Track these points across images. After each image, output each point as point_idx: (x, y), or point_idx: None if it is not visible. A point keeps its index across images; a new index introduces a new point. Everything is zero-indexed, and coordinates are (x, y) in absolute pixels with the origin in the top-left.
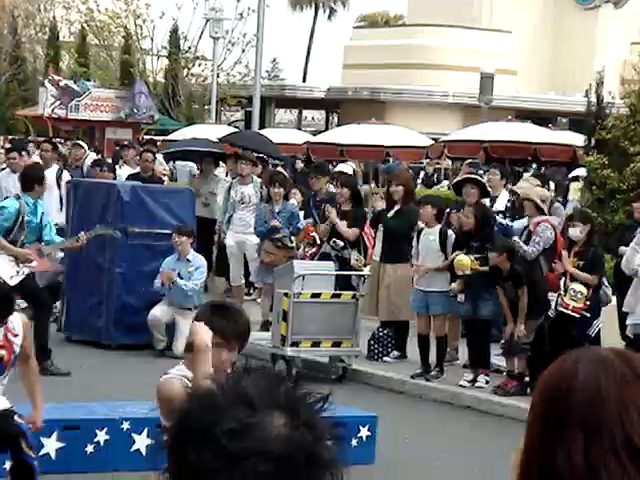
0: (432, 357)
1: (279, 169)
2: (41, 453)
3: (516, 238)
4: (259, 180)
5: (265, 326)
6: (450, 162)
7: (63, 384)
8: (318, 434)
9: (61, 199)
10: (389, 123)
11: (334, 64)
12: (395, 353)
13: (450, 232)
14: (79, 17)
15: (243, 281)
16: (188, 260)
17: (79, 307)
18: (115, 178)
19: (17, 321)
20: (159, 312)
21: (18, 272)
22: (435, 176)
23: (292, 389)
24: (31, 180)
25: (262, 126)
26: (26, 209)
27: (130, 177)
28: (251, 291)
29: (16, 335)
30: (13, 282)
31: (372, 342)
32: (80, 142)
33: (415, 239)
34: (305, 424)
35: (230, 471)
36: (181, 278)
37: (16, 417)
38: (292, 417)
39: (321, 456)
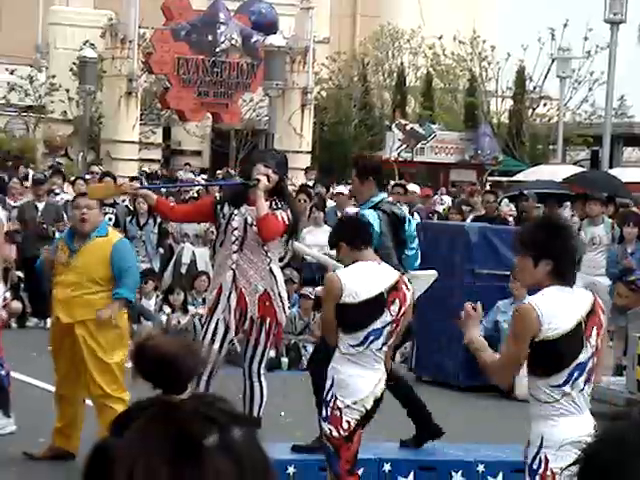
0: None
1: (633, 209)
2: None
3: None
4: (610, 221)
5: (619, 370)
6: None
7: (409, 424)
8: None
9: None
10: None
11: None
12: None
13: None
14: (425, 62)
15: None
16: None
17: (429, 348)
18: (464, 220)
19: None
20: None
21: None
22: None
23: None
24: None
25: (610, 165)
26: None
27: (476, 219)
28: None
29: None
30: None
31: None
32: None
33: None
34: None
35: None
36: None
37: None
38: None
39: None
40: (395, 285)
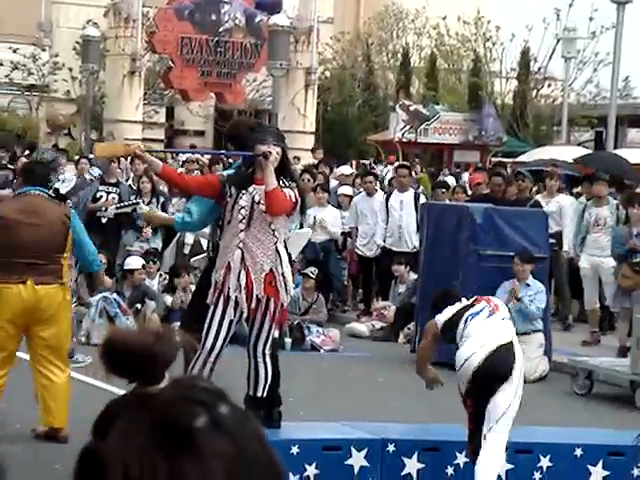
0: None
1: (638, 190)
2: (403, 473)
3: None
4: (615, 202)
5: (622, 352)
6: None
7: (414, 405)
8: None
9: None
10: None
11: None
12: None
13: None
14: (429, 42)
15: (598, 305)
16: (528, 285)
17: None
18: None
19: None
20: None
21: None
22: None
23: None
24: None
25: (615, 146)
26: None
27: (480, 199)
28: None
29: None
30: None
31: None
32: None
33: None
34: None
35: None
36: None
37: None
38: None
39: None
40: None
